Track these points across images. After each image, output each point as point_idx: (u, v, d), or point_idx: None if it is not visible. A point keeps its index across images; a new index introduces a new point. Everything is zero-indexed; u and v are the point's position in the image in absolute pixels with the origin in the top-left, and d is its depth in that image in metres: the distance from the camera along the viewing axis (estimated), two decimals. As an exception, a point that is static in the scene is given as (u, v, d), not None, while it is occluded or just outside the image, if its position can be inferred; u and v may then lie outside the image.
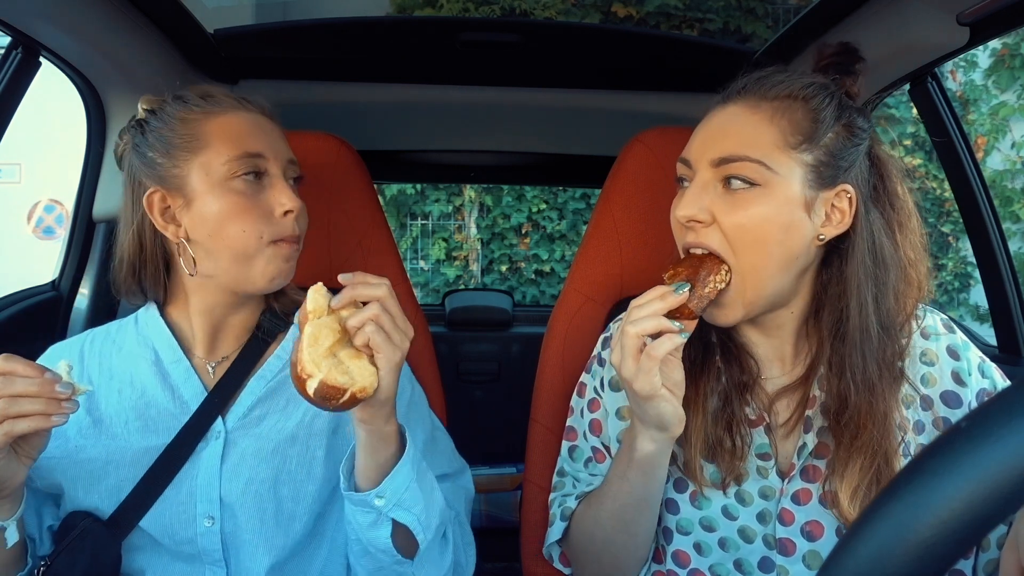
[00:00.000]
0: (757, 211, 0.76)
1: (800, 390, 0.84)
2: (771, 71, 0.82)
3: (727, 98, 0.82)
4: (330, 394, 0.70)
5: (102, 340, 0.95)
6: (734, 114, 0.80)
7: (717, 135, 0.80)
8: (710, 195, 0.78)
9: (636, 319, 0.73)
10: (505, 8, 4.34)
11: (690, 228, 0.79)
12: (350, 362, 0.72)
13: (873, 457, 0.75)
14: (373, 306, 0.72)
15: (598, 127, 1.86)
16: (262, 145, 0.87)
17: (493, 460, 2.23)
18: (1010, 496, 0.31)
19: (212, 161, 0.85)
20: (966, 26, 1.09)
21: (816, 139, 0.76)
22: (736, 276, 0.77)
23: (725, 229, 0.77)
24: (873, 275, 0.78)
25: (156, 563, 0.88)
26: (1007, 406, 0.33)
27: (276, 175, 0.88)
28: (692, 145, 0.82)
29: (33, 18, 1.09)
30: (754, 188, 0.76)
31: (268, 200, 0.87)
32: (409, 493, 0.79)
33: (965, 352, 0.84)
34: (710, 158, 0.78)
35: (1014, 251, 4.58)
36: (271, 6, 1.92)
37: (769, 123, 0.77)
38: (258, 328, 0.94)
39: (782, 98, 0.78)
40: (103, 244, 1.39)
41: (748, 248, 0.76)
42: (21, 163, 5.65)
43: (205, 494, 0.86)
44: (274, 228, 0.86)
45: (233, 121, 0.88)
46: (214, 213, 0.85)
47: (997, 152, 5.56)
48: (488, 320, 2.62)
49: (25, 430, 0.70)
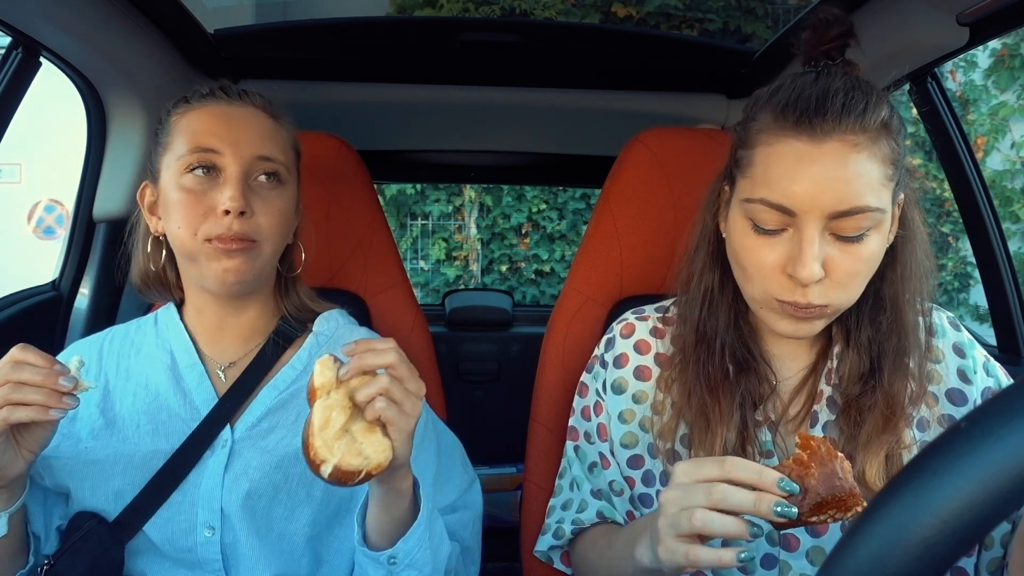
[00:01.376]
0: (869, 253, 0.72)
1: (808, 385, 0.84)
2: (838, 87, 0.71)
3: (820, 133, 0.70)
4: (345, 478, 0.68)
5: (121, 340, 0.95)
6: (840, 155, 0.70)
7: (831, 183, 0.69)
8: (823, 248, 0.72)
9: (722, 493, 0.59)
10: (505, 8, 4.33)
11: (796, 285, 0.73)
12: (363, 438, 0.69)
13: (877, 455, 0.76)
14: (382, 378, 0.68)
15: (598, 127, 1.86)
16: (221, 140, 0.85)
17: (493, 460, 2.23)
18: (1010, 496, 0.31)
19: (172, 157, 0.86)
20: (966, 26, 1.09)
21: (900, 162, 0.72)
22: (832, 311, 0.75)
23: (838, 278, 0.72)
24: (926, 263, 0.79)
25: (158, 568, 0.88)
26: (1007, 406, 0.33)
27: (230, 172, 0.85)
28: (796, 192, 0.71)
29: (33, 18, 1.09)
30: (868, 234, 0.72)
31: (214, 198, 0.84)
32: (421, 552, 0.79)
33: (971, 350, 0.84)
34: (827, 212, 0.70)
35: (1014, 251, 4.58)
36: (271, 6, 1.92)
37: (871, 161, 0.70)
38: (276, 333, 0.94)
39: (875, 129, 0.70)
40: (103, 244, 1.39)
41: (856, 287, 0.74)
42: (21, 163, 5.65)
43: (207, 503, 0.85)
44: (208, 226, 0.83)
45: (200, 116, 0.87)
46: (168, 207, 0.86)
47: (997, 152, 5.56)
48: (488, 320, 2.62)
49: (22, 419, 0.70)
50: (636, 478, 0.88)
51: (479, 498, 1.01)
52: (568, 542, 0.91)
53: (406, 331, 1.19)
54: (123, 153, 1.36)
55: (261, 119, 0.89)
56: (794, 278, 0.72)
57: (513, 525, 1.18)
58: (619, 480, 0.90)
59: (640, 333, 0.93)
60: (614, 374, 0.92)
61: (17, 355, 0.71)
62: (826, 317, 0.77)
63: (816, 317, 0.75)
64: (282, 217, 0.89)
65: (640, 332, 0.93)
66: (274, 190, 0.88)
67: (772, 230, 0.74)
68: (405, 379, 0.70)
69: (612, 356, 0.93)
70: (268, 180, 0.88)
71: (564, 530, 0.90)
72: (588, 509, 0.89)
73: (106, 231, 1.39)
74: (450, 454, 1.00)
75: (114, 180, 1.37)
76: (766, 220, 0.74)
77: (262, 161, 0.87)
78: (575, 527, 0.89)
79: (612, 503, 0.89)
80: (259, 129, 0.89)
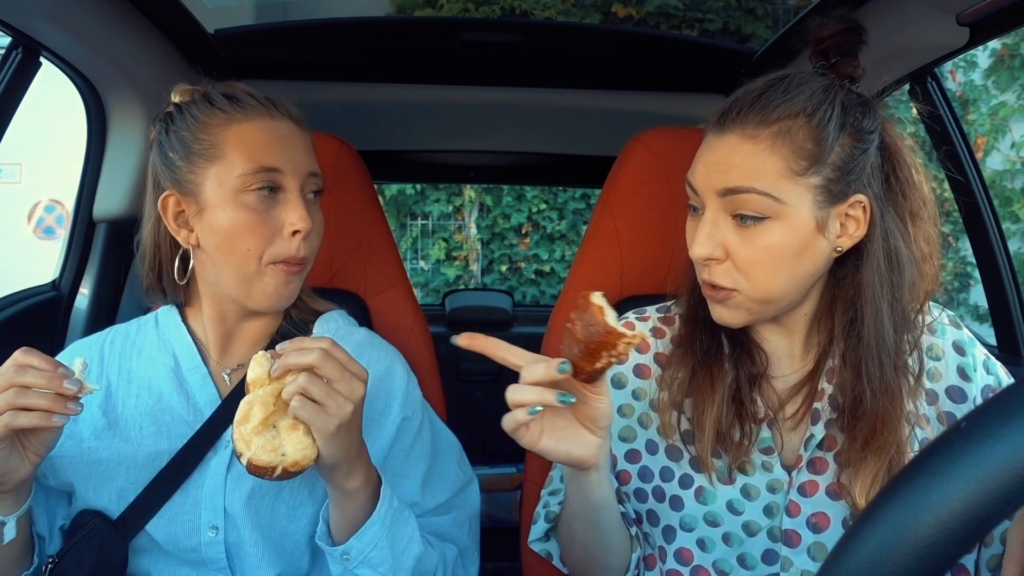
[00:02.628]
0: (768, 242, 0.75)
1: (808, 383, 0.84)
2: (764, 87, 0.77)
3: (723, 125, 0.77)
4: (260, 472, 0.70)
5: (122, 341, 0.95)
6: (733, 144, 0.76)
7: (719, 166, 0.77)
8: (722, 230, 0.77)
9: (515, 391, 0.71)
10: (505, 8, 4.34)
11: (705, 265, 0.79)
12: (286, 435, 0.71)
13: (887, 454, 0.76)
14: (300, 377, 0.69)
15: (598, 127, 1.86)
16: (280, 158, 0.84)
17: (493, 460, 2.23)
18: (1010, 496, 0.31)
19: (227, 172, 0.83)
20: (966, 26, 1.09)
21: (822, 159, 0.74)
22: (743, 297, 0.78)
23: (738, 263, 0.76)
24: (888, 280, 0.77)
25: (162, 566, 0.88)
26: (1006, 406, 0.33)
27: (292, 190, 0.85)
28: (696, 171, 0.80)
29: (33, 18, 1.09)
30: (764, 220, 0.75)
31: (279, 217, 0.84)
32: (377, 552, 0.79)
33: (971, 348, 0.84)
34: (715, 188, 0.77)
35: (1014, 251, 4.58)
36: (271, 6, 1.93)
37: (771, 152, 0.74)
38: (278, 335, 0.94)
39: (781, 120, 0.74)
40: (103, 244, 1.39)
41: (761, 277, 0.76)
42: (21, 163, 5.65)
43: (210, 503, 0.86)
44: (277, 248, 0.83)
45: (253, 130, 0.84)
46: (223, 226, 0.83)
47: (997, 152, 5.55)
48: (488, 320, 2.62)
49: (25, 424, 0.69)
50: (632, 472, 0.89)
51: (476, 498, 1.01)
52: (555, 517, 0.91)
53: (406, 331, 1.19)
54: (123, 153, 1.36)
55: (301, 133, 0.89)
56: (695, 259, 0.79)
57: (513, 525, 1.18)
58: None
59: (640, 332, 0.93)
60: (614, 369, 0.92)
61: (21, 359, 0.70)
62: (743, 307, 0.79)
63: (726, 300, 0.79)
64: (323, 231, 0.91)
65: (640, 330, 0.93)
66: (316, 204, 0.90)
67: (692, 206, 0.81)
68: (335, 380, 0.70)
69: None
70: (315, 196, 0.89)
71: (553, 511, 0.90)
72: None
73: (106, 231, 1.39)
74: (446, 453, 1.00)
75: (114, 180, 1.37)
76: (688, 198, 0.82)
77: (312, 177, 0.88)
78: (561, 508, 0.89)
79: None
80: (304, 144, 0.89)
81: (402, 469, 0.92)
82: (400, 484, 0.91)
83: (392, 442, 0.91)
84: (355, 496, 0.77)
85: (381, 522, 0.79)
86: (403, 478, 0.91)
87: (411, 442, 0.93)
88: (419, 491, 0.92)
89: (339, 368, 0.71)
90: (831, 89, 0.76)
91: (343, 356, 0.72)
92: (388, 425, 0.92)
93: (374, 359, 0.95)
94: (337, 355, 0.71)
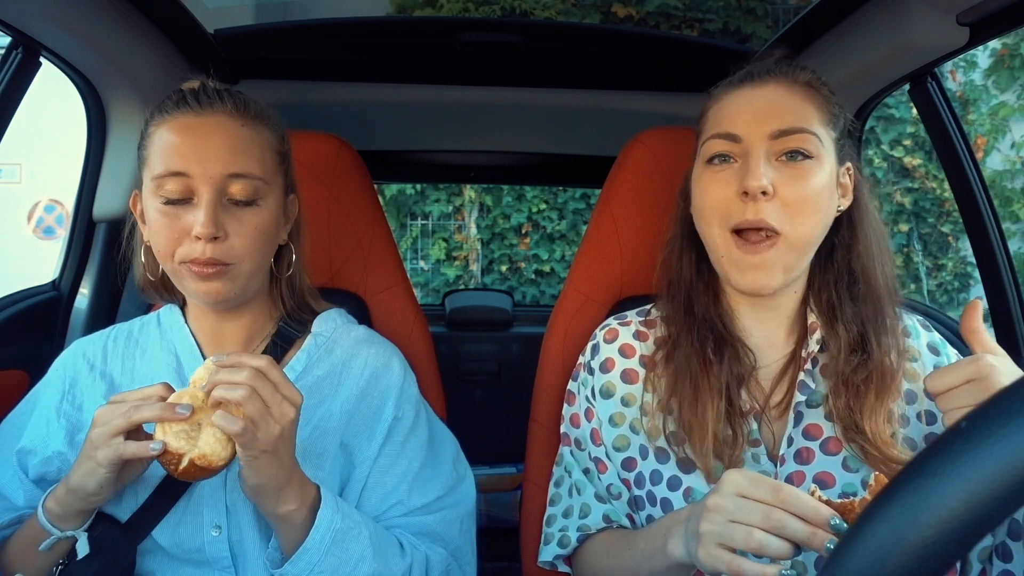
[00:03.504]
0: (816, 181, 0.80)
1: (790, 372, 0.87)
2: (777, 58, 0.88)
3: (757, 78, 0.85)
4: (167, 461, 0.71)
5: (125, 339, 0.95)
6: (776, 91, 0.83)
7: (770, 110, 0.82)
8: (771, 168, 0.81)
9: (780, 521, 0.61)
10: (505, 8, 4.33)
11: (754, 201, 0.80)
12: (207, 429, 0.72)
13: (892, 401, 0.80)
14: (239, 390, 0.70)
15: (598, 127, 1.86)
16: (187, 161, 0.82)
17: (493, 460, 2.23)
18: (1010, 496, 0.31)
19: (149, 173, 0.85)
20: (966, 26, 1.09)
21: (836, 119, 0.84)
22: (784, 245, 0.80)
23: (787, 200, 0.80)
24: (882, 236, 0.87)
25: (167, 567, 0.88)
26: (1006, 406, 0.33)
27: (202, 195, 0.82)
28: (736, 120, 0.84)
29: (33, 18, 1.09)
30: (811, 160, 0.81)
31: (188, 219, 0.82)
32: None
33: (944, 348, 0.89)
34: (768, 131, 0.81)
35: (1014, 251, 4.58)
36: (271, 6, 1.92)
37: (809, 101, 0.83)
38: (276, 334, 0.94)
39: (807, 83, 0.84)
40: (103, 244, 1.39)
41: (805, 218, 0.80)
42: (21, 163, 5.65)
43: (211, 502, 0.86)
44: (184, 249, 0.82)
45: (170, 131, 0.84)
46: (148, 225, 0.86)
47: (997, 152, 5.55)
48: (488, 320, 2.62)
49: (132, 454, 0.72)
50: (631, 480, 0.89)
51: (470, 496, 1.00)
52: (573, 549, 0.91)
53: (406, 331, 1.19)
54: (123, 153, 1.36)
55: (231, 129, 0.85)
56: (748, 194, 0.80)
57: (513, 525, 1.17)
58: (616, 483, 0.90)
59: (624, 337, 0.94)
60: (601, 379, 0.92)
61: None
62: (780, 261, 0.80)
63: (766, 250, 0.80)
64: (260, 234, 0.85)
65: (624, 336, 0.94)
66: (249, 208, 0.85)
67: (723, 155, 0.84)
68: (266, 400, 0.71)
69: (598, 362, 0.93)
70: (241, 200, 0.84)
71: (569, 538, 0.90)
72: (592, 513, 0.89)
73: (106, 231, 1.39)
74: (441, 452, 0.99)
75: (114, 180, 1.37)
76: (717, 149, 0.84)
77: (234, 179, 0.83)
78: (581, 533, 0.89)
79: (614, 506, 0.89)
80: (229, 143, 0.84)
81: (392, 467, 0.91)
82: (387, 482, 0.91)
83: (384, 441, 0.91)
84: (289, 519, 0.77)
85: (316, 547, 0.78)
86: (391, 476, 0.91)
87: (403, 441, 0.93)
88: (407, 490, 0.91)
89: (271, 390, 0.71)
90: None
91: (278, 377, 0.72)
92: (381, 424, 0.92)
93: (371, 356, 0.95)
94: (272, 376, 0.72)
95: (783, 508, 0.61)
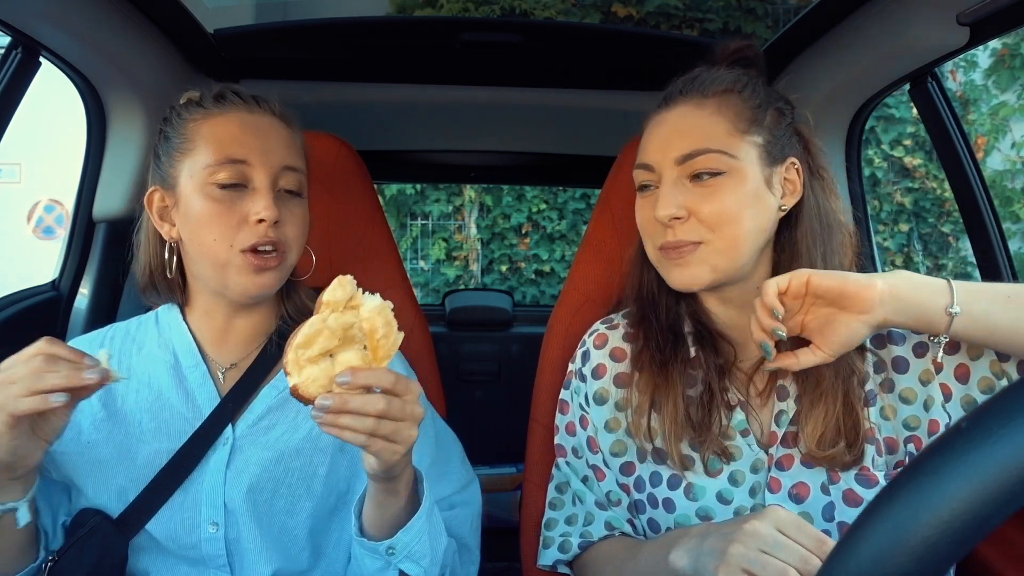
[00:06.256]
0: (731, 195, 0.81)
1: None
2: (698, 72, 0.88)
3: (669, 101, 0.88)
4: (303, 400, 0.68)
5: (122, 337, 0.95)
6: (682, 114, 0.85)
7: (674, 135, 0.85)
8: (682, 192, 0.83)
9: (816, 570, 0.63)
10: (505, 8, 4.34)
11: (669, 227, 0.83)
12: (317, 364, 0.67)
13: (834, 403, 0.80)
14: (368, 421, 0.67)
15: (598, 127, 1.86)
16: (249, 150, 0.85)
17: (493, 460, 2.23)
18: (1010, 496, 0.31)
19: (196, 164, 0.85)
20: (966, 26, 1.09)
21: (759, 121, 0.84)
22: (708, 249, 0.82)
23: (703, 218, 0.82)
24: (821, 237, 0.85)
25: (161, 565, 0.88)
26: (1006, 406, 0.33)
27: (260, 182, 0.85)
28: (648, 150, 0.87)
29: (33, 18, 1.09)
30: (720, 176, 0.82)
31: (246, 208, 0.84)
32: (419, 545, 0.79)
33: None
34: (673, 157, 0.83)
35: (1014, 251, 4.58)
36: (271, 6, 1.92)
37: (717, 115, 0.84)
38: (275, 334, 0.94)
39: (720, 93, 0.85)
40: (103, 244, 1.39)
41: (726, 228, 0.82)
42: (21, 163, 5.65)
43: (209, 500, 0.86)
44: (245, 236, 0.84)
45: (226, 123, 0.86)
46: (194, 216, 0.85)
47: (997, 152, 5.55)
48: (488, 320, 2.62)
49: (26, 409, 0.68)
50: (630, 484, 0.89)
51: (478, 497, 1.01)
52: (575, 556, 0.91)
53: (406, 331, 1.18)
54: (123, 153, 1.36)
55: (281, 128, 0.90)
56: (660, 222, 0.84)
57: (513, 525, 1.17)
58: (615, 490, 0.90)
59: (613, 341, 0.94)
60: (594, 386, 0.92)
61: (46, 348, 0.69)
62: (707, 261, 0.82)
63: (690, 254, 0.83)
64: (305, 225, 0.91)
65: (613, 340, 0.94)
66: (296, 199, 0.90)
67: (644, 184, 0.88)
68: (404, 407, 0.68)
69: (590, 368, 0.94)
70: (292, 190, 0.89)
71: (571, 544, 0.91)
72: (595, 521, 0.90)
73: (106, 231, 1.39)
74: (448, 450, 1.00)
75: (114, 180, 1.36)
76: (639, 179, 0.88)
77: (287, 171, 0.88)
78: (583, 540, 0.90)
79: (615, 512, 0.90)
80: (281, 138, 0.89)
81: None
82: None
83: None
84: (400, 497, 0.78)
85: (426, 515, 0.80)
86: None
87: None
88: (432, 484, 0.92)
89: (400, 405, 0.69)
90: (750, 76, 0.88)
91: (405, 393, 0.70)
92: None
93: None
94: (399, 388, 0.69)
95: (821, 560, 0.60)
